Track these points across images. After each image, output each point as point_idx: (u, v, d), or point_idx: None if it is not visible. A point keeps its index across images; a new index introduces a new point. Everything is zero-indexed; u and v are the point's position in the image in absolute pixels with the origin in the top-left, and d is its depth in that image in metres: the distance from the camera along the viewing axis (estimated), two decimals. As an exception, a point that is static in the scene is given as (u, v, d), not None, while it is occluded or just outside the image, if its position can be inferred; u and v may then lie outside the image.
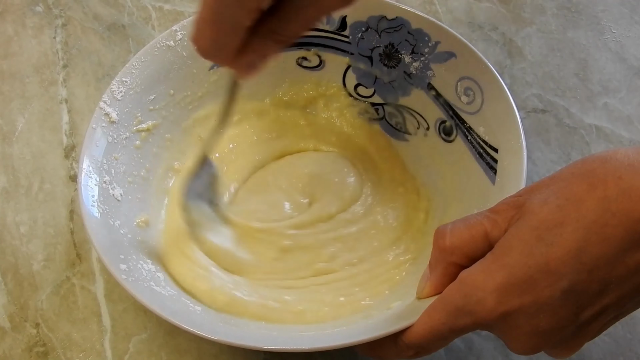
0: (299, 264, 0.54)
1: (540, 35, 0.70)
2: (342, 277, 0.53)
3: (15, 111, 0.65)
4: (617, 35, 0.70)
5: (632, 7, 0.72)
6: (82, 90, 0.66)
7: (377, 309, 0.50)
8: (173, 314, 0.44)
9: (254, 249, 0.54)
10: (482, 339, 0.53)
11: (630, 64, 0.68)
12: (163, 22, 0.71)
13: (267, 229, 0.55)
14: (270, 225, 0.55)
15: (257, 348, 0.43)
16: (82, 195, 0.49)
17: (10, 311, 0.54)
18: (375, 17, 0.58)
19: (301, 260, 0.54)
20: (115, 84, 0.54)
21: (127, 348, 0.53)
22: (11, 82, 0.67)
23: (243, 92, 0.62)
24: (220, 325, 0.47)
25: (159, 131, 0.57)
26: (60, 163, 0.62)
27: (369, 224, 0.56)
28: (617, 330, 0.53)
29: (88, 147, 0.51)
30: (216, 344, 0.52)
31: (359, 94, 0.62)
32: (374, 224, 0.56)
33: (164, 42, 0.57)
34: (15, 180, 0.61)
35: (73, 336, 0.53)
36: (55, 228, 0.58)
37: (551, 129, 0.64)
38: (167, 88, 0.57)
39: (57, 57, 0.69)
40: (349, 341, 0.43)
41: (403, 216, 0.56)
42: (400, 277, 0.53)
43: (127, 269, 0.46)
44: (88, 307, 0.54)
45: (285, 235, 0.55)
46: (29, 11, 0.72)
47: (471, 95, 0.54)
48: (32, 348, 0.53)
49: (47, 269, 0.56)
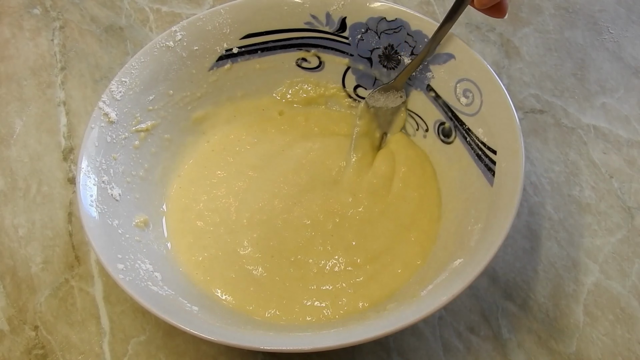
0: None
1: (537, 35, 0.70)
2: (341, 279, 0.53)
3: (13, 114, 0.65)
4: (615, 35, 0.70)
5: (629, 7, 0.72)
6: (79, 93, 0.66)
7: (373, 310, 0.50)
8: (169, 314, 0.44)
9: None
10: (480, 339, 0.53)
11: (627, 64, 0.68)
12: (160, 24, 0.71)
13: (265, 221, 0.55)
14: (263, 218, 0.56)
15: (254, 349, 0.44)
16: (81, 195, 0.49)
17: (9, 314, 0.54)
18: (375, 19, 0.58)
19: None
20: (115, 84, 0.54)
21: (126, 350, 0.53)
22: (8, 84, 0.67)
23: (243, 92, 0.62)
24: (218, 326, 0.47)
25: (157, 131, 0.57)
26: (58, 165, 0.62)
27: (368, 225, 0.56)
28: (615, 330, 0.53)
29: (87, 147, 0.51)
30: (214, 345, 0.52)
31: (358, 95, 0.62)
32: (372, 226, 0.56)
33: (164, 42, 0.57)
34: (13, 182, 0.61)
35: (72, 338, 0.53)
36: (53, 230, 0.58)
37: (549, 129, 0.64)
38: (166, 88, 0.57)
39: (54, 60, 0.69)
40: (346, 342, 0.43)
41: (402, 219, 0.56)
42: (396, 282, 0.53)
43: (124, 268, 0.47)
44: (86, 310, 0.54)
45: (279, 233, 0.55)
46: (26, 13, 0.72)
47: (470, 97, 0.54)
48: (31, 350, 0.53)
49: (46, 272, 0.56)
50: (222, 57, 0.60)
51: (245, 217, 0.57)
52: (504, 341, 0.53)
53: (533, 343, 0.52)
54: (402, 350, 0.52)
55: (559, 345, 0.52)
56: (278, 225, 0.56)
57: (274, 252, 0.54)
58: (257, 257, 0.54)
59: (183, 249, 0.55)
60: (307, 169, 0.59)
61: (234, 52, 0.60)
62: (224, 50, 0.59)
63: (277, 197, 0.58)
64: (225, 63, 0.60)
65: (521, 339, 0.53)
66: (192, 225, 0.56)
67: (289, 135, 0.62)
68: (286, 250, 0.55)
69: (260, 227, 0.56)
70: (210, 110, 0.61)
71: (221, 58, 0.60)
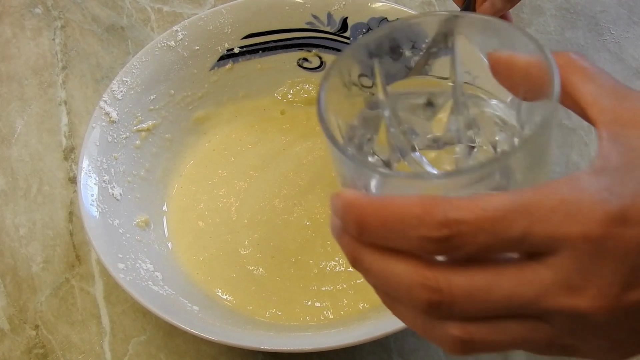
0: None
1: (538, 36, 0.70)
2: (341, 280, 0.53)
3: (14, 113, 0.65)
4: (616, 36, 0.70)
5: (630, 8, 0.72)
6: (80, 92, 0.66)
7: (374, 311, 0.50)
8: (170, 314, 0.44)
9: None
10: (482, 339, 0.53)
11: (628, 65, 0.68)
12: (162, 24, 0.71)
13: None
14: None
15: (255, 348, 0.44)
16: (82, 194, 0.49)
17: (10, 313, 0.54)
18: (376, 19, 0.58)
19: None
20: (116, 84, 0.54)
21: (126, 350, 0.53)
22: (10, 84, 0.67)
23: (244, 92, 0.62)
24: (218, 326, 0.47)
25: (158, 131, 0.57)
26: (59, 165, 0.62)
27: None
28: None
29: (88, 147, 0.51)
30: (215, 345, 0.52)
31: None
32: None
33: (165, 42, 0.57)
34: (14, 182, 0.61)
35: (72, 338, 0.53)
36: (54, 230, 0.58)
37: (550, 129, 0.64)
38: (167, 88, 0.57)
39: (55, 59, 0.69)
40: (346, 342, 0.43)
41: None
42: None
43: (125, 268, 0.47)
44: (87, 309, 0.54)
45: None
46: (28, 13, 0.72)
47: None
48: (32, 350, 0.53)
49: (46, 271, 0.56)
50: (223, 57, 0.60)
51: (246, 217, 0.57)
52: (504, 342, 0.52)
53: (534, 344, 0.52)
54: (402, 351, 0.52)
55: (560, 346, 0.52)
56: (279, 225, 0.56)
57: (274, 253, 0.54)
58: (257, 257, 0.54)
59: (184, 249, 0.55)
60: (308, 169, 0.59)
61: (235, 52, 0.60)
62: (225, 50, 0.59)
63: (277, 197, 0.57)
64: (227, 63, 0.60)
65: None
66: (193, 225, 0.56)
67: (290, 135, 0.62)
68: (287, 250, 0.55)
69: (261, 227, 0.56)
70: (212, 110, 0.61)
71: (222, 58, 0.60)
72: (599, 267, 0.25)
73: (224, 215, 0.57)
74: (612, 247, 0.25)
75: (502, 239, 0.25)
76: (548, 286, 0.26)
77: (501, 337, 0.27)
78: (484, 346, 0.27)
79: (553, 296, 0.26)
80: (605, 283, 0.25)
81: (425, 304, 0.26)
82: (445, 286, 0.26)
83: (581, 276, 0.25)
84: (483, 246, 0.25)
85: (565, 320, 0.26)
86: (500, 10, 0.52)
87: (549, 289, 0.26)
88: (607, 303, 0.25)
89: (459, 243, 0.25)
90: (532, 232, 0.25)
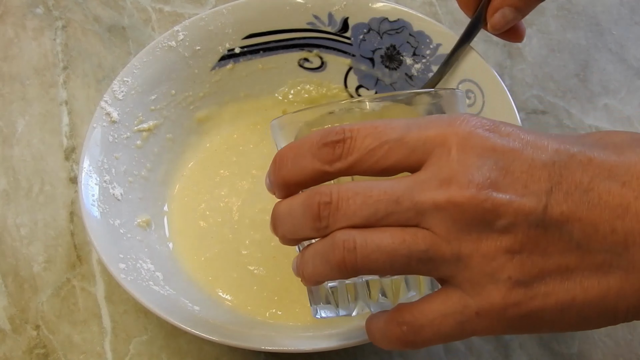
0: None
1: (540, 36, 0.70)
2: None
3: (16, 113, 0.65)
4: (617, 37, 0.70)
5: (631, 8, 0.72)
6: (82, 92, 0.66)
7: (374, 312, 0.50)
8: (171, 314, 0.44)
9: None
10: (482, 340, 0.53)
11: (630, 65, 0.68)
12: (163, 24, 0.71)
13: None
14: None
15: (256, 349, 0.44)
16: (83, 194, 0.49)
17: (11, 313, 0.54)
18: (377, 19, 0.58)
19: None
20: (117, 84, 0.54)
21: (128, 350, 0.53)
22: (11, 84, 0.67)
23: (245, 92, 0.62)
24: (219, 326, 0.47)
25: (160, 131, 0.57)
26: (60, 165, 0.62)
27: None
28: (617, 331, 0.53)
29: (88, 147, 0.51)
30: (217, 346, 0.52)
31: (360, 95, 0.62)
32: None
33: (166, 42, 0.57)
34: (16, 182, 0.61)
35: (73, 338, 0.53)
36: (55, 230, 0.58)
37: (551, 130, 0.64)
38: (168, 88, 0.57)
39: (57, 59, 0.69)
40: (347, 342, 0.43)
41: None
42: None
43: (126, 268, 0.47)
44: (88, 309, 0.54)
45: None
46: (29, 13, 0.72)
47: (472, 98, 0.54)
48: (33, 350, 0.53)
49: (48, 271, 0.56)
50: (224, 57, 0.60)
51: (248, 217, 0.57)
52: (505, 342, 0.53)
53: (535, 344, 0.52)
54: (403, 351, 0.52)
55: (561, 346, 0.52)
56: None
57: (275, 253, 0.54)
58: (259, 257, 0.54)
59: (185, 249, 0.55)
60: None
61: (236, 52, 0.60)
62: (226, 50, 0.59)
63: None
64: (228, 63, 0.60)
65: (523, 339, 0.53)
66: (195, 225, 0.56)
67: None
68: (288, 250, 0.54)
69: (263, 227, 0.56)
70: (213, 110, 0.61)
71: (223, 58, 0.60)
72: (468, 159, 0.31)
73: (226, 215, 0.57)
74: (479, 143, 0.31)
75: (384, 140, 0.32)
76: (422, 181, 0.31)
77: (383, 241, 0.31)
78: (368, 253, 0.31)
79: (426, 189, 0.31)
80: (474, 172, 0.30)
81: (316, 207, 0.33)
82: (334, 190, 0.32)
83: (450, 170, 0.30)
84: (370, 150, 0.32)
85: (442, 221, 0.30)
86: (511, 21, 0.52)
87: (423, 184, 0.31)
88: (476, 192, 0.30)
89: (350, 145, 0.32)
90: (409, 134, 0.32)
